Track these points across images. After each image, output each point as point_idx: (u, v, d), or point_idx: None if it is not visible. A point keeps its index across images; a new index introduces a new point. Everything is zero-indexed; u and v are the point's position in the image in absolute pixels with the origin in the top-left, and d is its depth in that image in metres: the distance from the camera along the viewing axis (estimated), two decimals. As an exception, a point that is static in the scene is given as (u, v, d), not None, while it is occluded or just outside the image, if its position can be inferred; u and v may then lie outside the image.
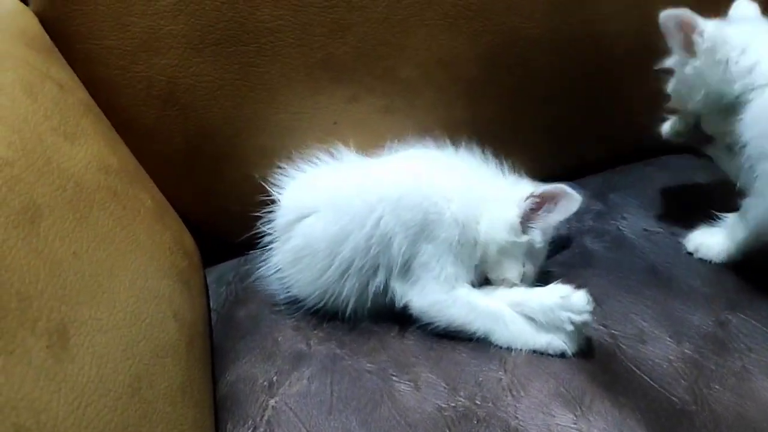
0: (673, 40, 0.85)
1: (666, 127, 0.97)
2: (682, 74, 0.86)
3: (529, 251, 0.84)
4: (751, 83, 0.80)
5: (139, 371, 0.60)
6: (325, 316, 0.86)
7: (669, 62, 0.89)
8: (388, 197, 0.81)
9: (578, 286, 0.80)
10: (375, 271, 0.82)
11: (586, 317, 0.77)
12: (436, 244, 0.81)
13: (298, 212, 0.86)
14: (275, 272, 0.89)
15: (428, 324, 0.81)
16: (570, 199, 0.81)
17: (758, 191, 0.81)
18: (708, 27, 0.83)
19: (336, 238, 0.82)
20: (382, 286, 0.83)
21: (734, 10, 0.88)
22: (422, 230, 0.81)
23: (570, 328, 0.77)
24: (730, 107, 0.82)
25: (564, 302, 0.77)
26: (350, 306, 0.84)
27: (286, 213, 0.88)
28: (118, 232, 0.70)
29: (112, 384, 0.55)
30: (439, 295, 0.81)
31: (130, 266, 0.69)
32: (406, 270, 0.82)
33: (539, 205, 0.82)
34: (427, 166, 0.85)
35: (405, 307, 0.82)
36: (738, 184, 0.85)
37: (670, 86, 0.90)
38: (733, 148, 0.83)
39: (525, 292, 0.82)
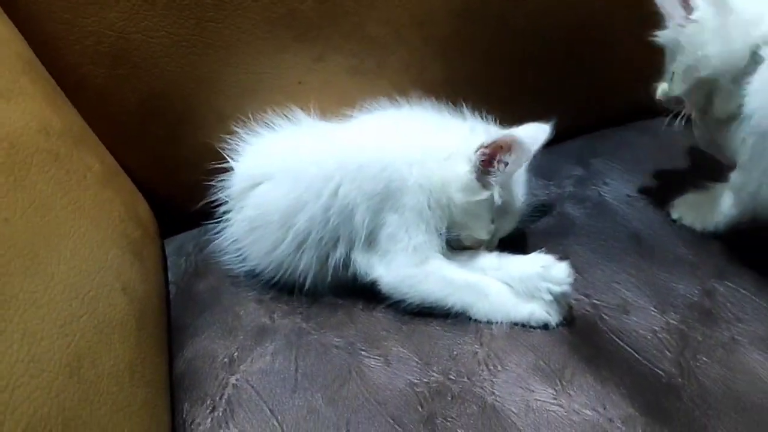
0: (669, 3, 0.79)
1: (660, 90, 0.89)
2: (686, 39, 0.79)
3: (497, 207, 0.78)
4: (763, 36, 0.73)
5: (79, 349, 0.54)
6: (289, 288, 0.81)
7: (667, 33, 0.82)
8: (347, 165, 0.76)
9: (560, 255, 0.76)
10: (335, 243, 0.77)
11: (565, 288, 0.73)
12: (402, 213, 0.76)
13: (252, 179, 0.81)
14: (230, 243, 0.84)
15: (400, 301, 0.77)
16: (522, 146, 0.74)
17: (755, 167, 0.76)
18: None
19: (290, 208, 0.77)
20: (342, 260, 0.78)
21: None
22: (386, 199, 0.76)
23: (549, 298, 0.73)
24: (741, 71, 0.75)
25: (544, 272, 0.74)
26: (309, 280, 0.79)
27: (239, 180, 0.83)
28: (58, 198, 0.64)
29: (47, 364, 0.50)
30: (410, 269, 0.76)
31: (73, 235, 0.63)
32: (371, 242, 0.77)
33: (491, 156, 0.75)
34: (387, 129, 0.80)
35: (373, 283, 0.77)
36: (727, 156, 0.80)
37: (676, 63, 0.83)
38: (730, 121, 0.77)
39: (505, 259, 0.78)
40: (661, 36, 0.82)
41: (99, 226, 0.69)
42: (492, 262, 0.78)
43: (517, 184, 0.81)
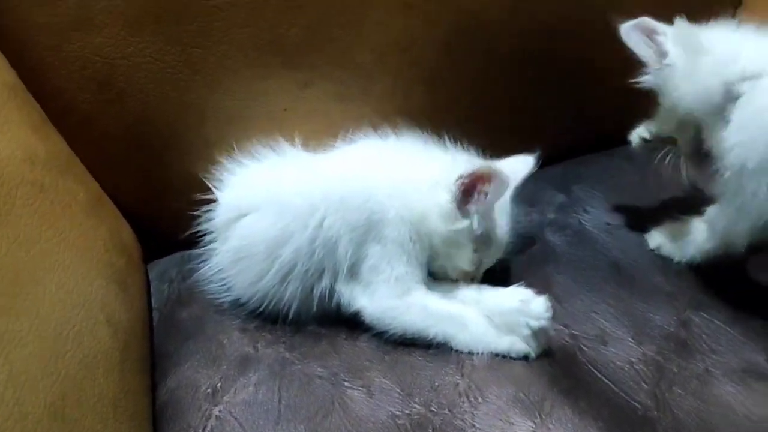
0: (643, 50, 0.80)
1: (634, 135, 0.92)
2: (665, 83, 0.80)
3: (478, 236, 0.78)
4: (735, 78, 0.75)
5: (63, 388, 0.55)
6: (274, 317, 0.82)
7: (648, 78, 0.83)
8: (331, 197, 0.77)
9: (540, 287, 0.77)
10: (320, 275, 0.78)
11: (543, 323, 0.74)
12: (384, 245, 0.77)
13: (237, 210, 0.81)
14: (215, 273, 0.84)
15: (383, 332, 0.77)
16: (501, 178, 0.74)
17: (731, 202, 0.77)
18: (670, 28, 0.79)
19: (276, 240, 0.77)
20: (327, 291, 0.78)
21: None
22: (368, 231, 0.76)
23: (526, 332, 0.74)
24: (718, 109, 0.77)
25: (523, 307, 0.75)
26: (293, 310, 0.80)
27: (225, 211, 0.83)
28: (44, 230, 0.64)
29: (31, 407, 0.50)
30: (392, 300, 0.77)
31: (57, 268, 0.63)
32: (354, 274, 0.78)
33: (471, 186, 0.76)
34: (370, 160, 0.81)
35: (356, 314, 0.78)
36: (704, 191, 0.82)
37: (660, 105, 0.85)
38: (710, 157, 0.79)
39: (485, 292, 0.79)
40: (644, 80, 0.83)
41: (84, 257, 0.69)
42: (472, 294, 0.79)
43: (501, 214, 0.81)
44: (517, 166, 0.80)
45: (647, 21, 0.79)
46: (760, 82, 0.74)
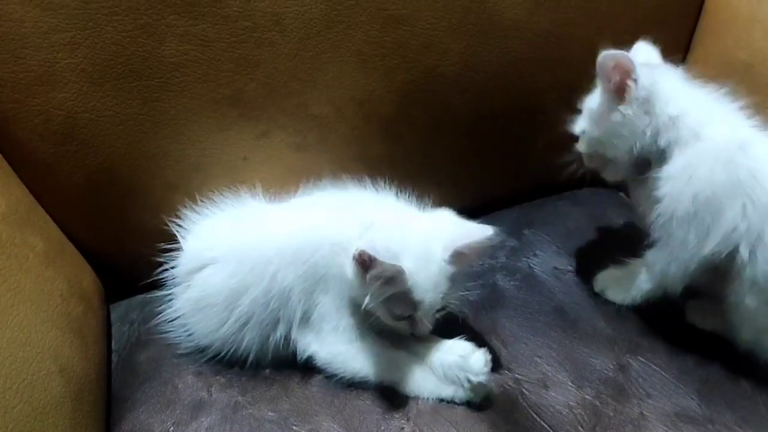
0: (606, 83, 0.81)
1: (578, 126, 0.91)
2: (606, 119, 0.82)
3: (385, 304, 0.75)
4: (675, 137, 0.79)
5: (10, 441, 0.57)
6: (230, 363, 0.84)
7: (592, 103, 0.86)
8: (283, 251, 0.79)
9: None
10: (275, 324, 0.81)
11: (482, 378, 0.77)
12: (330, 296, 0.79)
13: (197, 261, 0.84)
14: (176, 319, 0.87)
15: (333, 375, 0.80)
16: (377, 267, 0.70)
17: (665, 246, 0.81)
18: (643, 74, 0.79)
19: (234, 291, 0.80)
20: (282, 339, 0.81)
21: (635, 54, 0.87)
22: (317, 283, 0.79)
23: (466, 386, 0.77)
24: (652, 158, 0.82)
25: (462, 362, 0.77)
26: (251, 357, 0.82)
27: (186, 261, 0.86)
28: (-2, 285, 0.66)
29: (-24, 460, 0.52)
30: (341, 345, 0.80)
31: (11, 322, 0.65)
32: (307, 321, 0.81)
33: (367, 264, 0.71)
34: (322, 214, 0.83)
35: (310, 359, 0.81)
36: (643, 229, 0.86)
37: (587, 129, 0.87)
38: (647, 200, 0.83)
39: (427, 344, 0.81)
40: (587, 102, 0.87)
41: (38, 309, 0.71)
42: (417, 344, 0.81)
43: (419, 277, 0.74)
44: (471, 232, 0.76)
45: (627, 58, 0.79)
46: (695, 145, 0.79)
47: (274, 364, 0.84)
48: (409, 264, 0.72)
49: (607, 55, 0.79)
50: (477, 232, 0.76)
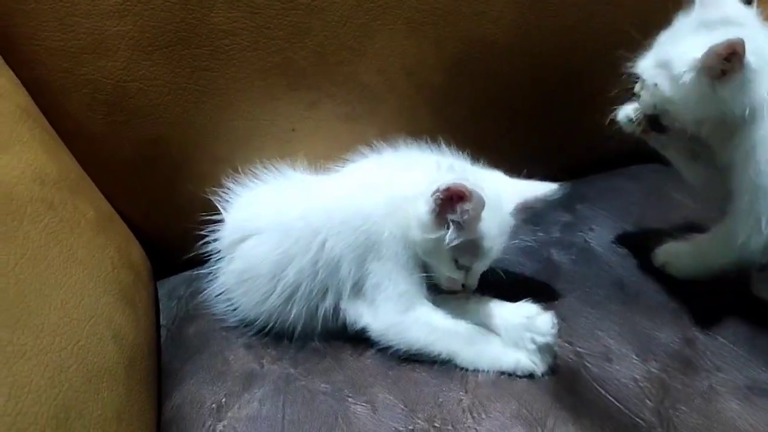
0: (711, 62, 0.73)
1: (621, 115, 0.88)
2: (692, 88, 0.75)
3: (458, 247, 0.75)
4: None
5: (67, 400, 0.55)
6: (279, 333, 0.83)
7: (672, 52, 0.77)
8: (331, 220, 0.78)
9: (545, 303, 0.78)
10: (324, 294, 0.79)
11: (549, 339, 0.75)
12: (383, 263, 0.77)
13: (241, 232, 0.83)
14: (221, 293, 0.85)
15: (387, 347, 0.78)
16: (474, 198, 0.70)
17: (746, 218, 0.77)
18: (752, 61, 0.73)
19: (279, 262, 0.79)
20: (332, 309, 0.79)
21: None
22: (368, 250, 0.77)
23: (532, 347, 0.75)
24: (736, 123, 0.76)
25: (529, 323, 0.75)
26: (299, 330, 0.81)
27: (229, 232, 0.84)
28: (51, 247, 0.65)
29: (34, 417, 0.51)
30: (396, 316, 0.77)
31: (65, 284, 0.64)
32: (358, 292, 0.78)
33: (446, 200, 0.72)
34: (368, 181, 0.81)
35: (362, 331, 0.79)
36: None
37: (659, 83, 0.78)
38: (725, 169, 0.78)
39: (492, 307, 0.79)
40: (664, 45, 0.79)
41: (91, 274, 0.70)
42: (479, 309, 0.80)
43: (492, 225, 0.76)
44: (535, 187, 0.79)
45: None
46: None
47: (324, 336, 0.82)
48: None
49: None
50: (541, 187, 0.75)
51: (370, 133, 0.97)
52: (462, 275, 0.78)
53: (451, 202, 0.71)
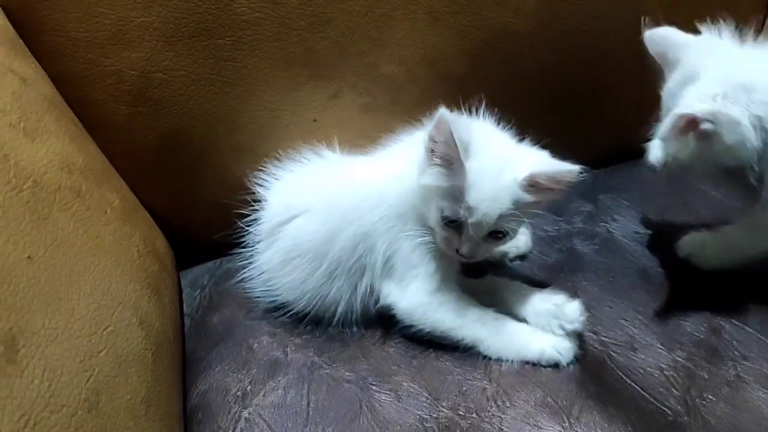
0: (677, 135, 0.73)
1: (652, 155, 0.85)
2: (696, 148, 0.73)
3: (444, 191, 0.73)
4: None
5: (97, 384, 0.56)
6: (303, 322, 0.83)
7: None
8: (369, 195, 0.79)
9: (570, 293, 0.79)
10: (362, 273, 0.80)
11: (578, 326, 0.75)
12: (413, 239, 0.78)
13: (288, 213, 0.83)
14: (259, 276, 0.86)
15: (411, 327, 0.78)
16: (439, 120, 0.70)
17: None
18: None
19: (325, 238, 0.80)
20: (369, 288, 0.80)
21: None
22: (400, 227, 0.78)
23: (560, 333, 0.75)
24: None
25: (557, 310, 0.76)
26: (339, 309, 0.81)
27: (274, 214, 0.85)
28: (80, 234, 0.66)
29: (66, 399, 0.52)
30: (424, 296, 0.78)
31: (93, 271, 0.65)
32: (390, 269, 0.79)
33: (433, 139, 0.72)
34: (402, 160, 0.81)
35: (388, 308, 0.79)
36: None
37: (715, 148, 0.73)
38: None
39: (521, 293, 0.80)
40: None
41: (118, 261, 0.71)
42: (508, 294, 0.80)
43: (480, 178, 0.71)
44: (556, 165, 0.74)
45: (671, 31, 0.77)
46: None
47: (348, 324, 0.82)
48: (475, 163, 0.70)
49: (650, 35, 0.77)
50: (561, 166, 0.73)
51: (391, 124, 0.97)
52: (453, 235, 0.74)
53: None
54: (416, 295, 0.78)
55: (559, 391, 0.72)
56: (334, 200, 0.81)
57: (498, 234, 0.75)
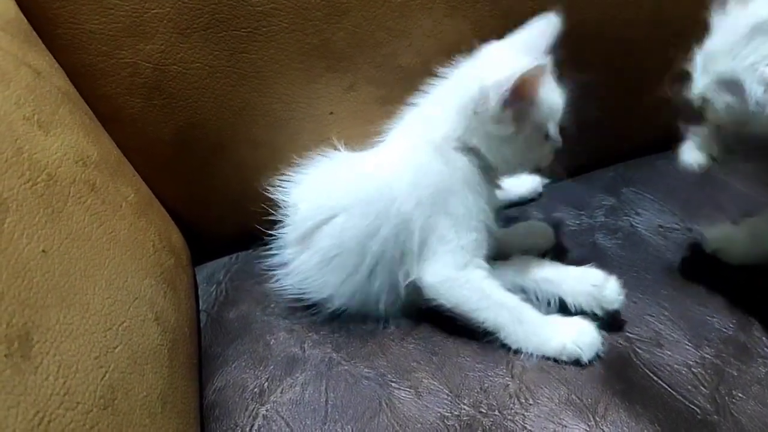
0: None
1: (688, 156, 0.82)
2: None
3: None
4: None
5: (113, 380, 0.55)
6: (320, 317, 0.82)
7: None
8: (400, 181, 0.78)
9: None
10: (401, 260, 0.79)
11: (617, 306, 0.76)
12: (449, 216, 0.77)
13: (322, 215, 0.81)
14: (293, 278, 0.84)
15: (432, 300, 0.77)
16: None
17: None
18: None
19: (366, 234, 0.78)
20: (407, 275, 0.79)
21: None
22: (435, 206, 0.77)
23: (599, 313, 0.76)
24: None
25: (596, 291, 0.76)
26: (382, 301, 0.80)
27: (305, 218, 0.82)
28: (95, 228, 0.65)
29: (81, 396, 0.50)
30: (452, 271, 0.77)
31: (108, 265, 0.63)
32: (424, 249, 0.78)
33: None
34: (423, 140, 0.81)
35: (412, 284, 0.79)
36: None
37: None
38: None
39: (558, 272, 0.79)
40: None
41: (133, 256, 0.70)
42: (544, 273, 0.80)
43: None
44: None
45: None
46: None
47: (364, 320, 0.81)
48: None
49: None
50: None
51: (407, 117, 0.95)
52: (546, 143, 0.82)
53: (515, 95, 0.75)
54: (444, 269, 0.77)
55: (583, 388, 0.71)
56: (369, 195, 0.79)
57: None
